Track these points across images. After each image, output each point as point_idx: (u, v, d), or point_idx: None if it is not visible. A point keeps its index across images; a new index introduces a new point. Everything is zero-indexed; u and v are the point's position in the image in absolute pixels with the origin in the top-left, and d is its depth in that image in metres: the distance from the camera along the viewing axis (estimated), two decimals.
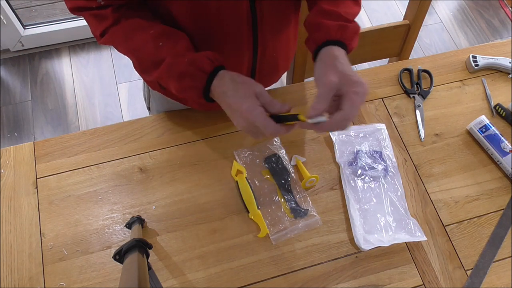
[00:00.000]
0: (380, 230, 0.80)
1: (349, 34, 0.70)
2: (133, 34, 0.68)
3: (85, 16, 0.70)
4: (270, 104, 0.65)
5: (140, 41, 0.68)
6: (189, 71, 0.66)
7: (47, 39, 2.06)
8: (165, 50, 0.67)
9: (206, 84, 0.66)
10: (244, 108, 0.63)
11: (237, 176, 0.83)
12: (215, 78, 0.66)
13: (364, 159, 0.86)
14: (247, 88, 0.65)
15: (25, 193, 0.81)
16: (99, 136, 0.88)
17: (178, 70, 0.66)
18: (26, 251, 0.77)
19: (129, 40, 0.69)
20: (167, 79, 0.69)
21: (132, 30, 0.68)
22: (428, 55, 1.34)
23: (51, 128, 1.89)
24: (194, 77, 0.66)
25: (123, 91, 1.99)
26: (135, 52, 0.70)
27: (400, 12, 2.31)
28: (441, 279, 0.77)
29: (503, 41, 1.05)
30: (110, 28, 0.68)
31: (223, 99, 0.66)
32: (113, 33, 0.69)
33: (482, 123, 0.89)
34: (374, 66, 1.00)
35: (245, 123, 0.65)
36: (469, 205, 0.84)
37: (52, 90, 1.98)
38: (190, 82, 0.67)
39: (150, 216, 0.80)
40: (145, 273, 0.57)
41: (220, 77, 0.66)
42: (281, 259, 0.78)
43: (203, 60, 0.66)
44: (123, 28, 0.68)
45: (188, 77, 0.67)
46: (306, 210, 0.81)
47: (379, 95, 0.96)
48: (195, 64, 0.66)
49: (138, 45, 0.68)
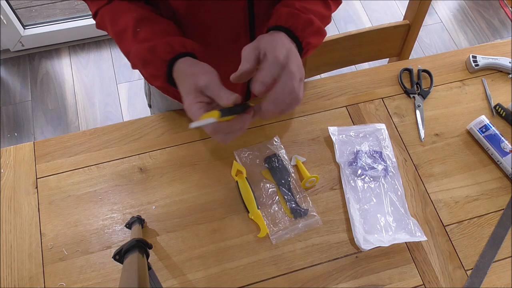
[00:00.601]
0: (380, 230, 0.80)
1: (300, 23, 0.65)
2: (119, 17, 0.66)
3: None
4: (217, 97, 0.58)
5: (123, 24, 0.66)
6: (149, 58, 0.63)
7: (47, 39, 2.06)
8: (139, 36, 0.64)
9: (168, 71, 0.63)
10: (185, 106, 0.59)
11: (237, 176, 0.83)
12: (174, 67, 0.63)
13: (364, 159, 0.86)
14: (190, 82, 0.60)
15: (25, 193, 0.81)
16: (99, 136, 0.88)
17: (141, 57, 0.64)
18: (26, 251, 0.77)
19: (114, 23, 0.67)
20: (138, 67, 0.66)
21: (119, 12, 0.66)
22: (428, 55, 1.34)
23: (51, 128, 1.89)
24: (154, 64, 0.63)
25: (123, 91, 1.99)
26: (118, 37, 0.67)
27: (400, 12, 2.31)
28: (441, 279, 0.77)
29: (503, 41, 1.05)
30: (101, 8, 0.67)
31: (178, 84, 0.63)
32: (102, 14, 0.68)
33: (482, 123, 0.89)
34: (374, 66, 1.00)
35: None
36: (469, 205, 0.84)
37: (52, 90, 1.98)
38: (153, 70, 0.64)
39: (150, 216, 0.80)
40: (145, 273, 0.57)
41: (176, 67, 0.63)
42: (281, 259, 0.78)
43: (162, 47, 0.62)
44: (112, 9, 0.67)
45: (150, 65, 0.64)
46: (306, 210, 0.81)
47: (379, 95, 0.96)
48: (154, 51, 0.63)
49: (120, 29, 0.66)
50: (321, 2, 0.70)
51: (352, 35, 1.14)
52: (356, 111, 0.93)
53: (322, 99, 0.94)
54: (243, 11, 0.70)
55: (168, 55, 0.62)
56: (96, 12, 0.68)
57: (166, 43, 0.62)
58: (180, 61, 0.62)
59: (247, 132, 0.89)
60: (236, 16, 0.70)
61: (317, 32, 0.67)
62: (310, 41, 0.66)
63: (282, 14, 0.65)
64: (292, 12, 0.65)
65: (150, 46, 0.62)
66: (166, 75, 0.63)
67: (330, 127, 0.89)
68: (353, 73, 0.98)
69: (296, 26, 0.64)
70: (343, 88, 0.96)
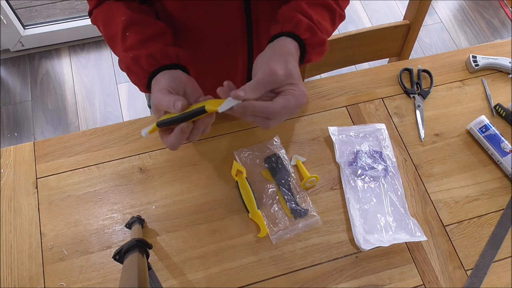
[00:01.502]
0: (380, 230, 0.80)
1: (316, 41, 0.65)
2: (110, 20, 0.66)
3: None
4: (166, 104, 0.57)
5: (114, 28, 0.65)
6: (133, 68, 0.63)
7: (47, 39, 2.06)
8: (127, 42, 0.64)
9: (149, 82, 0.63)
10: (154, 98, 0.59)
11: (237, 176, 0.83)
12: (153, 82, 0.63)
13: (364, 159, 0.86)
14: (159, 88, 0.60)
15: (25, 193, 0.81)
16: (99, 136, 0.88)
17: (126, 65, 0.64)
18: (26, 251, 0.77)
19: (106, 26, 0.67)
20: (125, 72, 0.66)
21: (111, 15, 0.66)
22: (428, 55, 1.34)
23: (51, 128, 1.89)
24: (137, 74, 0.64)
25: (123, 91, 1.99)
26: (109, 41, 0.67)
27: (400, 12, 2.31)
28: (441, 279, 0.77)
29: (503, 41, 1.05)
30: (95, 9, 0.67)
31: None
32: (96, 16, 0.68)
33: (482, 123, 0.89)
34: (374, 66, 1.00)
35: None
36: (469, 205, 0.84)
37: (52, 90, 1.98)
38: (135, 79, 0.65)
39: (150, 216, 0.80)
40: (145, 273, 0.57)
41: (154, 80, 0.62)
42: (281, 259, 0.78)
43: (144, 59, 0.62)
44: (105, 11, 0.67)
45: (133, 74, 0.64)
46: (306, 210, 0.81)
47: (379, 95, 0.96)
48: (138, 62, 0.63)
49: (112, 33, 0.66)
50: (329, 18, 0.69)
51: (352, 35, 1.14)
52: (356, 111, 0.93)
53: (322, 99, 0.94)
54: (239, 12, 0.69)
55: (149, 67, 0.62)
56: (91, 12, 0.69)
57: (148, 55, 0.62)
58: (157, 77, 0.62)
59: (247, 132, 0.89)
60: (232, 17, 0.70)
61: (321, 53, 0.68)
62: (311, 58, 0.67)
63: (303, 23, 0.63)
64: (312, 27, 0.64)
65: (134, 56, 0.62)
66: (147, 86, 0.64)
67: (330, 127, 0.89)
68: (353, 73, 0.98)
69: (310, 43, 0.64)
70: (343, 88, 0.96)
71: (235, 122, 0.90)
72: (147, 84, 0.63)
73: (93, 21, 0.70)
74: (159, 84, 0.61)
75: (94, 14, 0.68)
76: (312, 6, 0.66)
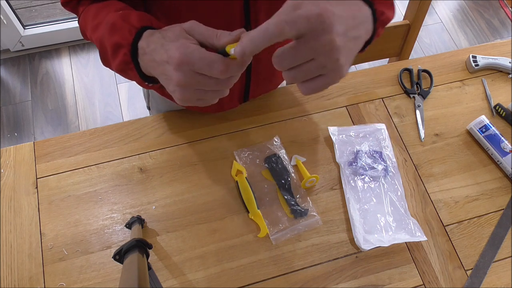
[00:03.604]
0: (380, 230, 0.80)
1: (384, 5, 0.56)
2: (99, 12, 0.61)
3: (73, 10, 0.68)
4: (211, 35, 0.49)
5: (102, 15, 0.60)
6: (119, 25, 0.56)
7: (47, 39, 2.06)
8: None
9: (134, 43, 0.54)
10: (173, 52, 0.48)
11: (237, 176, 0.83)
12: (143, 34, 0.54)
13: (364, 159, 0.86)
14: (173, 29, 0.51)
15: (25, 193, 0.81)
16: (99, 136, 0.88)
17: (111, 25, 0.56)
18: (26, 251, 0.77)
19: (94, 19, 0.62)
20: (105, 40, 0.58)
21: (99, 9, 0.62)
22: (428, 55, 1.34)
23: (51, 128, 1.89)
24: (122, 31, 0.55)
25: (123, 91, 1.99)
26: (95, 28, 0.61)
27: (400, 12, 2.31)
28: (441, 279, 0.77)
29: (503, 41, 1.05)
30: (84, 10, 0.66)
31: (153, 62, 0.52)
32: (85, 14, 0.65)
33: (482, 123, 0.89)
34: (374, 66, 1.00)
35: (180, 76, 0.49)
36: (469, 205, 0.84)
37: (52, 90, 1.98)
38: (119, 38, 0.55)
39: (150, 216, 0.80)
40: (145, 273, 0.57)
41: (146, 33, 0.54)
42: (281, 259, 0.78)
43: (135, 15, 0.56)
44: (93, 8, 0.63)
45: (117, 32, 0.56)
46: (306, 210, 0.81)
47: (379, 95, 0.96)
48: (127, 19, 0.56)
49: (98, 21, 0.60)
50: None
51: None
52: (356, 111, 0.93)
53: (322, 99, 0.94)
54: (239, 12, 0.69)
55: (140, 22, 0.55)
56: (80, 15, 0.67)
57: (142, 13, 0.55)
58: (151, 30, 0.54)
59: (247, 132, 0.89)
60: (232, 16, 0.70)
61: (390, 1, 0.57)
62: (384, 11, 0.56)
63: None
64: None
65: (123, 13, 0.56)
66: (131, 45, 0.54)
67: (330, 127, 0.89)
68: (353, 73, 0.98)
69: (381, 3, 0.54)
70: (343, 88, 0.96)
71: (235, 122, 0.90)
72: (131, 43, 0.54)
73: (82, 23, 0.65)
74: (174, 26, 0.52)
75: (83, 14, 0.65)
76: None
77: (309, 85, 0.47)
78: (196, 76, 0.48)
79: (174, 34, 0.51)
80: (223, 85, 0.51)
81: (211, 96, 0.52)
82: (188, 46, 0.48)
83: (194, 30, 0.50)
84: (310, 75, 0.46)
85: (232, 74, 0.49)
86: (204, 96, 0.52)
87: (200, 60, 0.47)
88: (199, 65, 0.47)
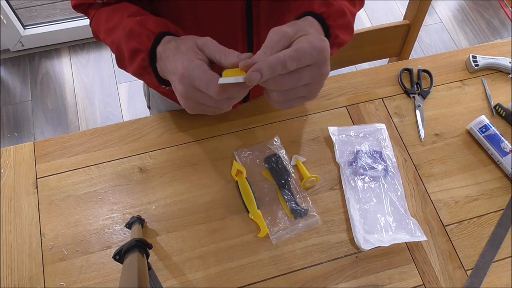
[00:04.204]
0: (380, 230, 0.80)
1: (333, 11, 0.60)
2: (112, 16, 0.63)
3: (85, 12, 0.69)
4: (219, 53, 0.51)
5: (116, 19, 0.62)
6: (137, 31, 0.58)
7: (47, 39, 2.06)
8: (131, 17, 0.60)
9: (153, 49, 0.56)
10: (179, 64, 0.51)
11: (237, 176, 0.83)
12: (162, 40, 0.56)
13: (364, 159, 0.86)
14: (187, 42, 0.53)
15: (25, 193, 0.81)
16: (99, 136, 0.88)
17: (128, 30, 0.58)
18: (26, 251, 0.77)
19: (107, 21, 0.64)
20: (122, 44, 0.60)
21: (112, 11, 0.63)
22: (428, 55, 1.34)
23: (51, 128, 1.89)
24: (140, 37, 0.57)
25: (123, 91, 1.99)
26: (109, 31, 0.63)
27: (400, 12, 2.31)
28: (441, 279, 0.77)
29: (503, 41, 1.05)
30: (96, 13, 0.66)
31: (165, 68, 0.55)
32: (98, 15, 0.66)
33: (482, 123, 0.89)
34: (374, 66, 1.00)
35: (182, 89, 0.52)
36: (469, 205, 0.84)
37: (52, 90, 1.98)
38: (136, 43, 0.58)
39: (150, 216, 0.80)
40: (145, 273, 0.57)
41: (165, 39, 0.56)
42: (281, 259, 0.78)
43: (152, 20, 0.58)
44: (107, 10, 0.65)
45: (135, 38, 0.58)
46: (306, 210, 0.81)
47: (379, 95, 0.96)
48: (144, 24, 0.57)
49: (112, 24, 0.62)
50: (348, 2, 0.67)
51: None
52: (356, 111, 0.93)
53: (322, 99, 0.94)
54: (240, 11, 0.69)
55: (158, 28, 0.57)
56: (92, 17, 0.67)
57: (158, 19, 0.57)
58: (169, 36, 0.56)
59: (247, 132, 0.89)
60: (233, 16, 0.70)
61: (347, 26, 0.63)
62: (339, 35, 0.62)
63: (315, 2, 0.60)
64: (326, 1, 0.60)
65: (141, 19, 0.57)
66: (150, 51, 0.56)
67: (330, 127, 0.89)
68: (353, 73, 0.98)
69: (329, 15, 0.59)
70: (343, 88, 0.96)
71: (235, 122, 0.90)
72: (150, 49, 0.56)
73: (94, 26, 0.67)
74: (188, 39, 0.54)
75: (96, 17, 0.66)
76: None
77: (291, 103, 0.53)
78: (196, 91, 0.51)
79: (185, 47, 0.53)
80: (221, 105, 0.53)
81: (212, 111, 0.55)
82: (192, 61, 0.50)
83: (206, 46, 0.52)
84: (298, 95, 0.52)
85: (230, 96, 0.51)
86: (206, 110, 0.55)
87: (199, 77, 0.49)
88: (198, 82, 0.50)
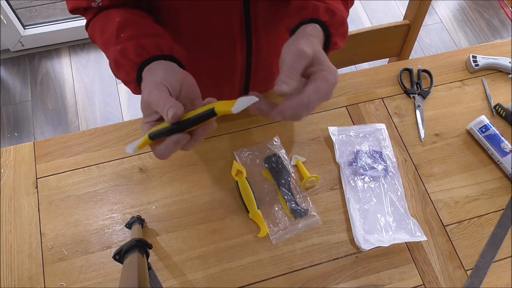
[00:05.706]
0: (380, 230, 0.80)
1: (335, 21, 0.62)
2: (106, 25, 0.62)
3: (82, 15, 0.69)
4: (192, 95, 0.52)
5: (109, 32, 0.61)
6: (121, 62, 0.57)
7: (47, 39, 2.06)
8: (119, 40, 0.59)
9: (139, 77, 0.56)
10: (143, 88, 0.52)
11: (237, 176, 0.83)
12: (144, 71, 0.55)
13: (364, 159, 0.86)
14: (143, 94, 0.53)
15: (25, 193, 0.81)
16: (99, 136, 0.88)
17: (114, 60, 0.58)
18: (26, 251, 0.77)
19: (102, 33, 0.63)
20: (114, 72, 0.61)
21: (107, 21, 0.62)
22: (428, 55, 1.34)
23: (51, 128, 1.89)
24: (125, 68, 0.57)
25: (123, 91, 1.99)
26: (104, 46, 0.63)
27: (400, 12, 2.31)
28: (441, 279, 0.77)
29: (503, 41, 1.05)
30: (92, 19, 0.65)
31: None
32: (93, 24, 0.65)
33: (482, 123, 0.89)
34: (374, 66, 1.00)
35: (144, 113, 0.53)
36: (469, 205, 0.84)
37: (52, 90, 1.98)
38: (124, 75, 0.58)
39: (150, 216, 0.80)
40: (145, 273, 0.57)
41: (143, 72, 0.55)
42: (281, 259, 0.78)
43: (131, 49, 0.56)
44: (102, 18, 0.63)
45: (122, 69, 0.58)
46: (306, 210, 0.81)
47: (379, 95, 0.96)
48: (125, 54, 0.56)
49: (106, 37, 0.61)
50: (341, 1, 0.67)
51: (352, 35, 1.14)
52: (356, 111, 0.93)
53: None
54: (238, 11, 0.69)
55: (137, 58, 0.56)
56: (88, 22, 0.66)
57: (137, 45, 0.56)
58: (150, 65, 0.56)
59: (247, 132, 0.89)
60: (232, 16, 0.69)
61: (344, 34, 0.65)
62: (337, 42, 0.64)
63: (319, 7, 0.61)
64: (329, 9, 0.62)
65: (121, 48, 0.57)
66: (136, 81, 0.57)
67: (330, 127, 0.89)
68: (353, 73, 0.98)
69: (332, 23, 0.61)
70: (343, 88, 0.96)
71: (235, 122, 0.90)
72: (136, 78, 0.56)
73: (90, 34, 0.66)
74: (154, 75, 0.53)
75: (91, 25, 0.65)
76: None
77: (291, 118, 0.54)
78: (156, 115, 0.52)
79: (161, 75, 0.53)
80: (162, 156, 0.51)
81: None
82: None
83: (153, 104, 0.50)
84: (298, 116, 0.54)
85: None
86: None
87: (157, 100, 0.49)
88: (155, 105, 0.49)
